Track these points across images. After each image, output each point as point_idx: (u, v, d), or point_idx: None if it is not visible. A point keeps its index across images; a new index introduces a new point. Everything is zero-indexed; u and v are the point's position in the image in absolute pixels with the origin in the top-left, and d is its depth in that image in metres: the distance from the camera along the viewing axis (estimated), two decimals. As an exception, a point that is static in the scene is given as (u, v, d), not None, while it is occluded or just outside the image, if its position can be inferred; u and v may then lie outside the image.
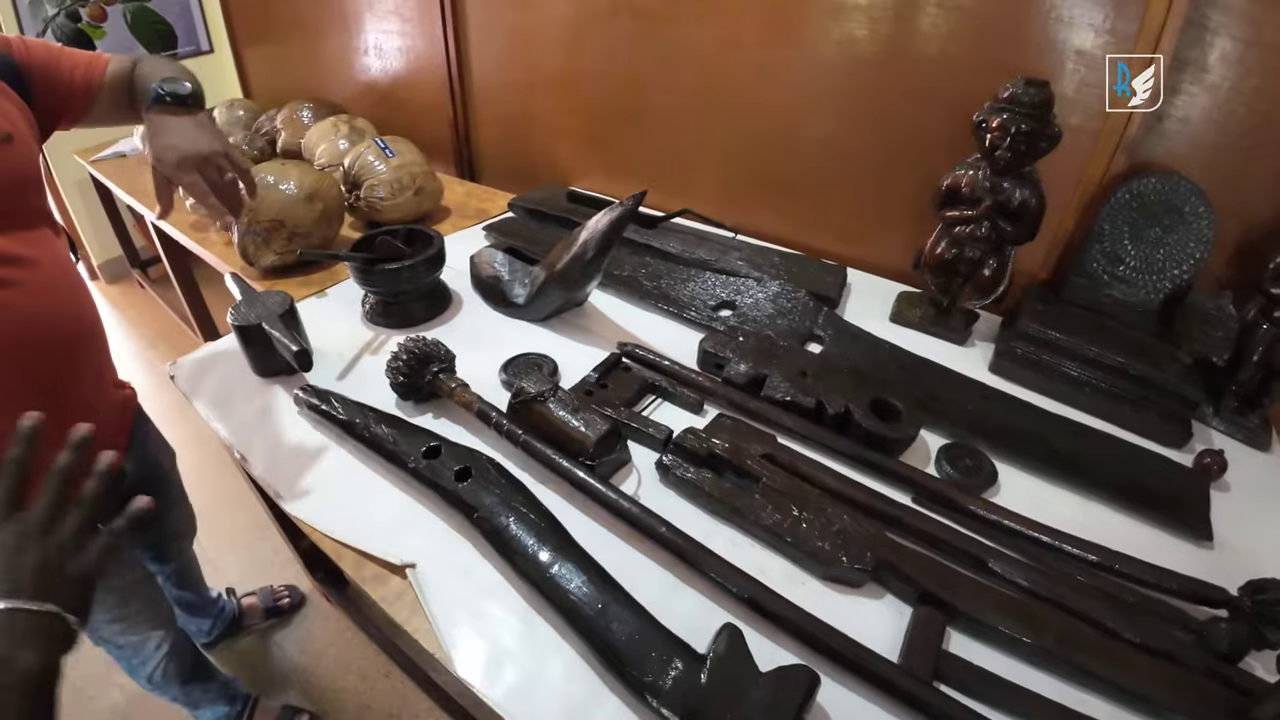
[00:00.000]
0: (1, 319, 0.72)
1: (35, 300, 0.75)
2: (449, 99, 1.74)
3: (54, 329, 0.79)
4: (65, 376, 0.82)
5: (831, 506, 0.71)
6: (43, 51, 0.84)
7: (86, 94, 0.88)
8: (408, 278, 0.99)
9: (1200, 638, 0.64)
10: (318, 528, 0.74)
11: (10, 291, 0.73)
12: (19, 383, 0.75)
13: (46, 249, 0.79)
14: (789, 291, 1.09)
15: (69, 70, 0.86)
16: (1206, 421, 0.95)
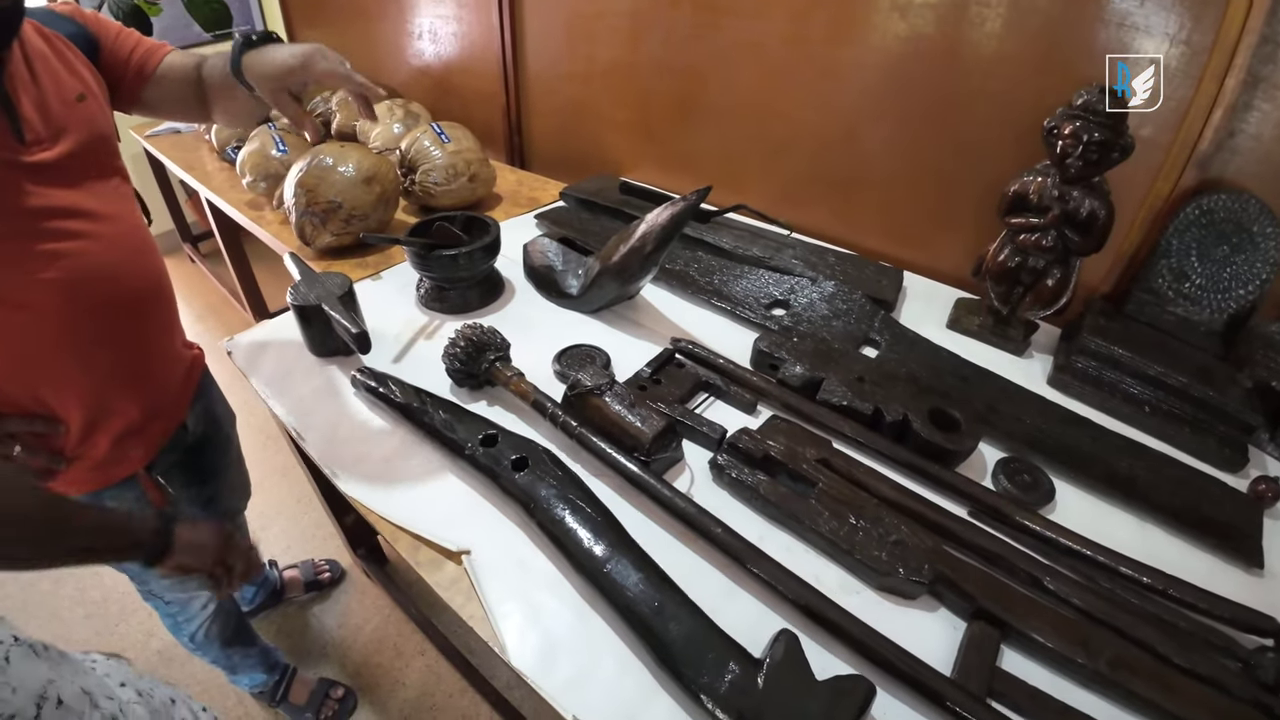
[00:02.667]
0: (78, 269, 0.75)
1: (110, 253, 0.79)
2: (503, 87, 1.74)
3: (127, 283, 0.82)
4: (137, 329, 0.86)
5: (889, 516, 0.70)
6: (110, 26, 0.88)
7: (140, 75, 0.90)
8: (464, 264, 1.00)
9: (1247, 666, 0.63)
10: (374, 509, 0.75)
11: (86, 243, 0.76)
12: (95, 331, 0.79)
13: (121, 206, 0.83)
14: (844, 293, 1.08)
15: (128, 49, 0.89)
16: (1263, 448, 0.92)
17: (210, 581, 0.80)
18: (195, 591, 1.12)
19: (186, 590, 1.11)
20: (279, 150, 1.53)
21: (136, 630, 1.59)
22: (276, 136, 1.56)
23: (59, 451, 0.82)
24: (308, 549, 1.76)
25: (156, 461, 0.96)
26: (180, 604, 1.13)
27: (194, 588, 1.11)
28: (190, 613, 1.15)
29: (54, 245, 0.73)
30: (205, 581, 0.80)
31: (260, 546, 1.62)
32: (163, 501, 0.97)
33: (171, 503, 1.00)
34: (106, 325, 0.81)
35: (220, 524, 0.83)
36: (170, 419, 0.97)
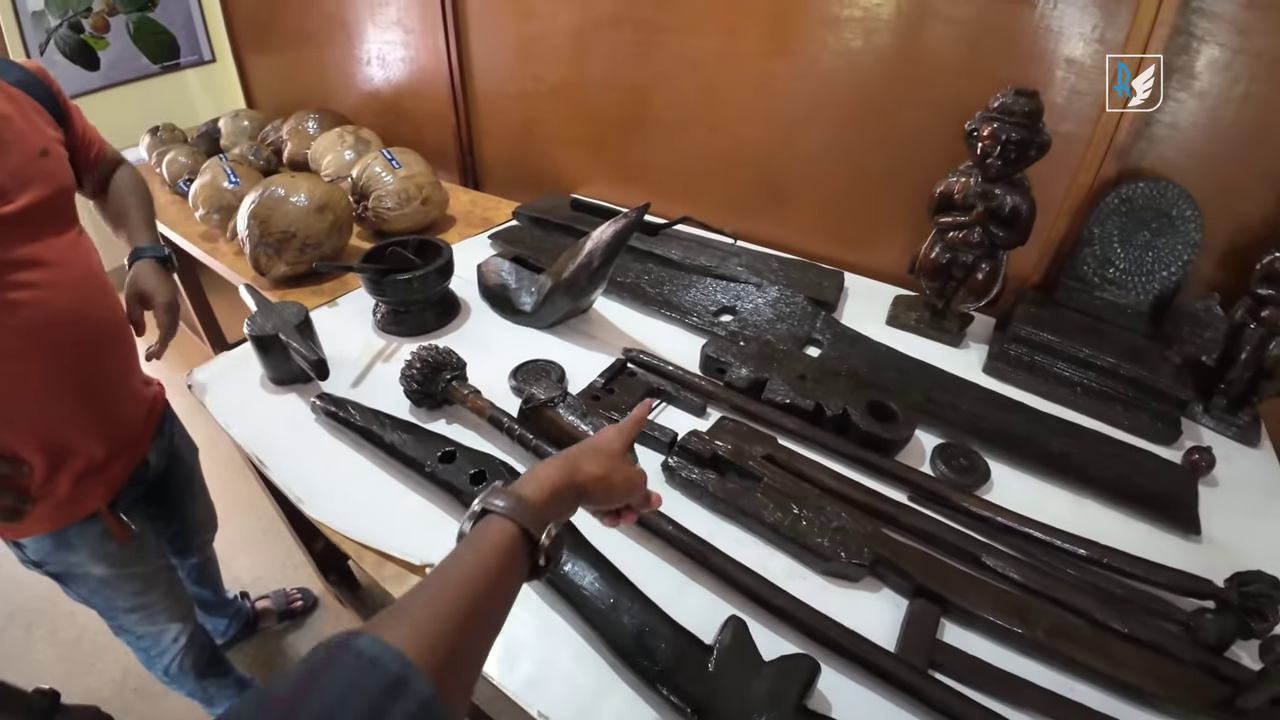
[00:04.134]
0: (40, 316, 0.77)
1: (70, 300, 0.81)
2: (453, 109, 1.77)
3: (85, 327, 0.84)
4: (98, 371, 0.87)
5: (830, 505, 0.74)
6: (78, 116, 0.95)
7: (88, 150, 0.98)
8: (418, 287, 1.02)
9: (1188, 629, 0.67)
10: (338, 530, 0.77)
11: (48, 291, 0.78)
12: (57, 375, 0.81)
13: (79, 254, 0.85)
14: (788, 296, 1.12)
15: (84, 130, 0.96)
16: (1196, 420, 0.98)
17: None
18: (165, 624, 1.11)
19: (156, 624, 1.10)
20: (231, 182, 1.53)
21: (112, 668, 1.56)
22: (228, 168, 1.56)
23: (24, 491, 0.82)
24: (279, 579, 1.75)
25: (120, 498, 0.96)
26: (152, 638, 1.12)
27: (164, 621, 1.11)
28: (162, 646, 1.14)
29: (16, 295, 0.75)
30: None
31: (231, 579, 1.63)
32: (126, 537, 0.97)
33: (135, 538, 0.99)
34: (68, 368, 0.82)
35: None
36: (132, 456, 0.97)
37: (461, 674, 0.38)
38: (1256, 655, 0.63)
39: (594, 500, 0.54)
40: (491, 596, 0.42)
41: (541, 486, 0.49)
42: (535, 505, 0.47)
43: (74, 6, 2.31)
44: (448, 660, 0.36)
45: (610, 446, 0.57)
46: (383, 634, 0.34)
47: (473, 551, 0.44)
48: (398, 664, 0.33)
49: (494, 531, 0.45)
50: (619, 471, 0.55)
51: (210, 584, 1.46)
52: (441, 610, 0.38)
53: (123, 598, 1.03)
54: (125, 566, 0.99)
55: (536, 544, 0.47)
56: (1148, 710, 0.62)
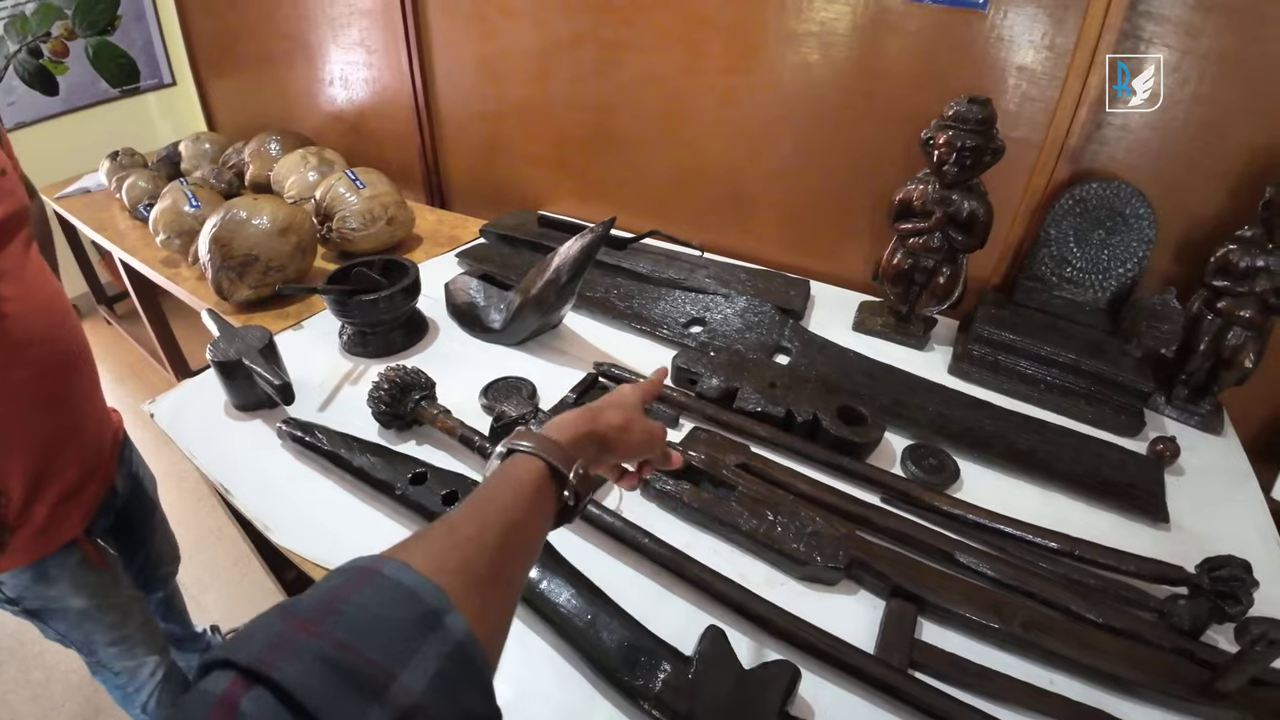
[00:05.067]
0: (13, 334, 0.76)
1: (40, 318, 0.80)
2: (417, 128, 1.76)
3: (59, 345, 0.82)
4: (70, 390, 0.86)
5: (805, 510, 0.74)
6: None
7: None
8: (385, 308, 1.01)
9: (1162, 616, 0.69)
10: (308, 558, 0.75)
11: (19, 306, 0.76)
12: (33, 395, 0.79)
13: (42, 274, 0.84)
14: (756, 306, 1.13)
15: (12, 155, 0.90)
16: (1159, 410, 1.00)
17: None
18: (144, 657, 1.09)
19: (135, 657, 1.08)
20: (191, 206, 1.51)
21: (84, 707, 1.50)
22: (189, 192, 1.53)
23: (3, 522, 0.80)
24: (250, 610, 1.65)
25: (92, 527, 0.94)
26: (130, 672, 1.09)
27: (142, 653, 1.09)
28: (140, 680, 1.11)
29: None
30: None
31: (201, 613, 1.58)
32: (104, 564, 0.96)
33: (112, 565, 0.98)
34: (43, 388, 0.81)
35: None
36: (103, 481, 0.96)
37: (498, 608, 0.36)
38: (1231, 638, 0.64)
39: (615, 451, 0.53)
40: (524, 529, 0.40)
41: (564, 430, 0.49)
42: (561, 444, 0.47)
43: (33, 31, 2.27)
44: (482, 596, 0.33)
45: (627, 400, 0.57)
46: (414, 560, 0.31)
47: (503, 483, 0.42)
48: (432, 596, 0.30)
49: (521, 467, 0.44)
50: (638, 423, 0.55)
51: (178, 619, 1.42)
52: (476, 539, 0.36)
53: (102, 630, 1.00)
54: (103, 597, 0.97)
55: (565, 481, 0.46)
56: (1127, 698, 0.63)
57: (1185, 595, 0.68)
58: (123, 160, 2.01)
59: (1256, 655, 0.56)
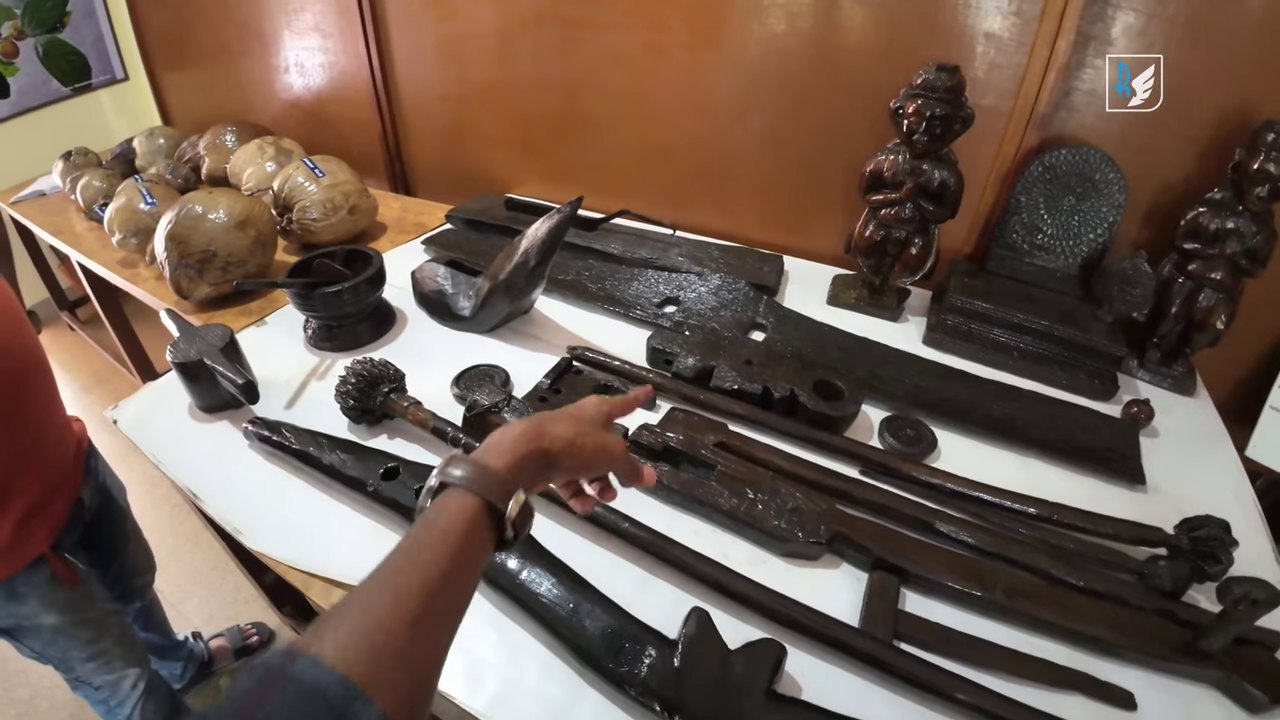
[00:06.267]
0: None
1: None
2: (377, 113, 1.72)
3: (16, 355, 0.81)
4: (29, 402, 0.84)
5: (785, 486, 0.74)
6: None
7: None
8: (349, 299, 0.98)
9: (1142, 578, 0.69)
10: (282, 560, 0.73)
11: None
12: None
13: None
14: (730, 283, 1.12)
15: None
16: (1132, 374, 1.02)
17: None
18: (123, 671, 1.08)
19: (114, 671, 1.07)
20: (147, 203, 1.45)
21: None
22: (144, 189, 1.48)
23: None
24: (232, 615, 1.67)
25: (60, 540, 0.92)
26: (110, 686, 1.08)
27: (121, 667, 1.07)
28: (121, 694, 1.10)
29: None
30: None
31: (181, 620, 1.55)
32: (74, 580, 0.94)
33: (83, 580, 0.97)
34: (3, 402, 0.78)
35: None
36: (68, 494, 0.94)
37: (417, 679, 0.35)
38: (1212, 598, 0.64)
39: (564, 468, 0.49)
40: (452, 585, 0.38)
41: (503, 452, 0.45)
42: (499, 472, 0.43)
43: (-18, 33, 2.18)
44: (399, 669, 0.32)
45: (583, 411, 0.53)
46: (323, 652, 0.31)
47: (430, 532, 0.39)
48: (341, 690, 0.30)
49: (453, 508, 0.41)
50: (589, 436, 0.51)
51: (158, 628, 1.40)
52: (392, 610, 0.34)
53: (77, 646, 0.99)
54: (76, 613, 0.96)
55: (503, 516, 0.42)
56: (1111, 660, 0.63)
57: (1165, 557, 0.69)
58: (76, 160, 1.95)
59: (1239, 615, 0.57)
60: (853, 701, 0.59)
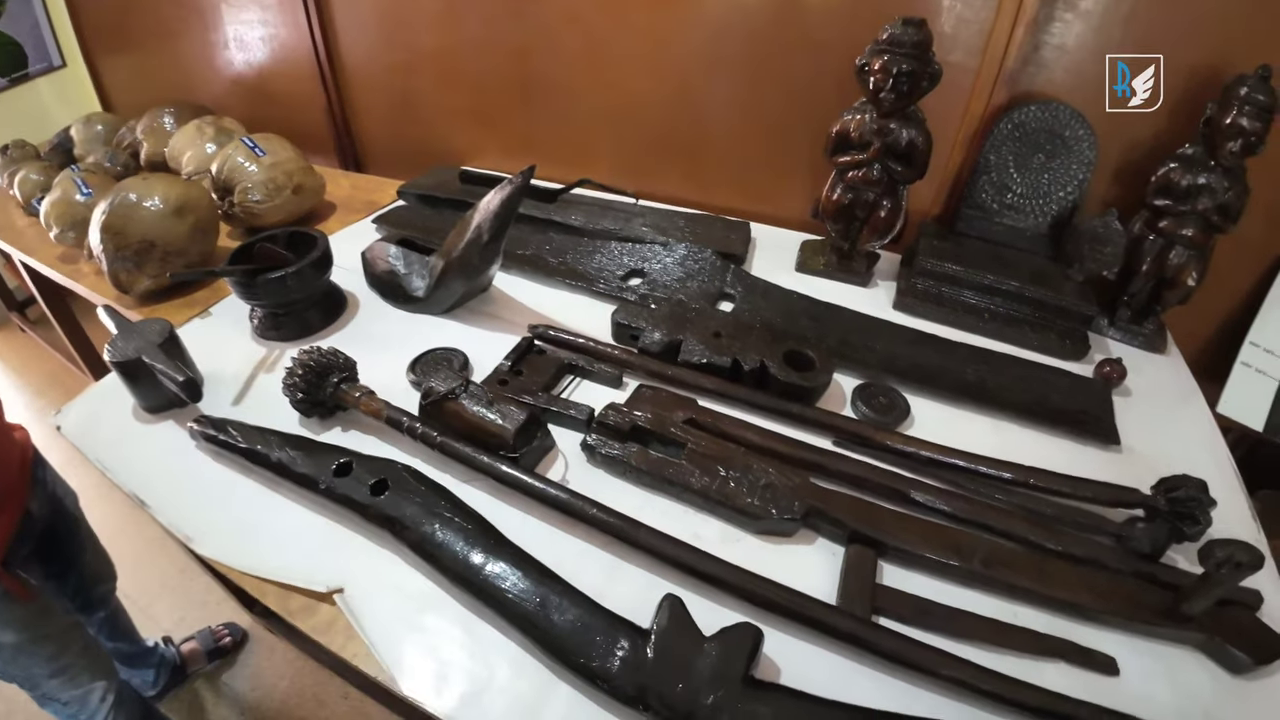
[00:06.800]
0: None
1: None
2: (322, 87, 1.63)
3: None
4: None
5: (757, 462, 0.72)
6: None
7: None
8: (294, 285, 0.92)
9: (1120, 540, 0.68)
10: (234, 566, 0.69)
11: None
12: None
13: None
14: (696, 253, 1.09)
15: None
16: (1103, 333, 1.01)
17: None
18: (89, 684, 1.05)
19: (80, 685, 1.04)
20: (83, 194, 1.37)
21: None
22: (79, 180, 1.39)
23: None
24: (202, 617, 1.63)
25: (11, 557, 0.89)
26: (78, 701, 1.05)
27: (86, 681, 1.04)
28: (90, 709, 1.07)
29: None
30: None
31: (151, 624, 1.51)
32: (28, 595, 0.91)
33: (39, 594, 0.94)
34: None
35: None
36: (14, 507, 0.91)
37: None
38: (1191, 559, 0.64)
39: None
40: None
41: None
42: None
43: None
44: None
45: None
46: None
47: None
48: None
49: None
50: None
51: (125, 636, 1.36)
52: None
53: (39, 663, 0.97)
54: (35, 629, 0.94)
55: None
56: (1092, 625, 0.62)
57: (1142, 518, 0.68)
58: (13, 154, 1.84)
59: (1221, 578, 0.56)
60: (833, 681, 0.57)
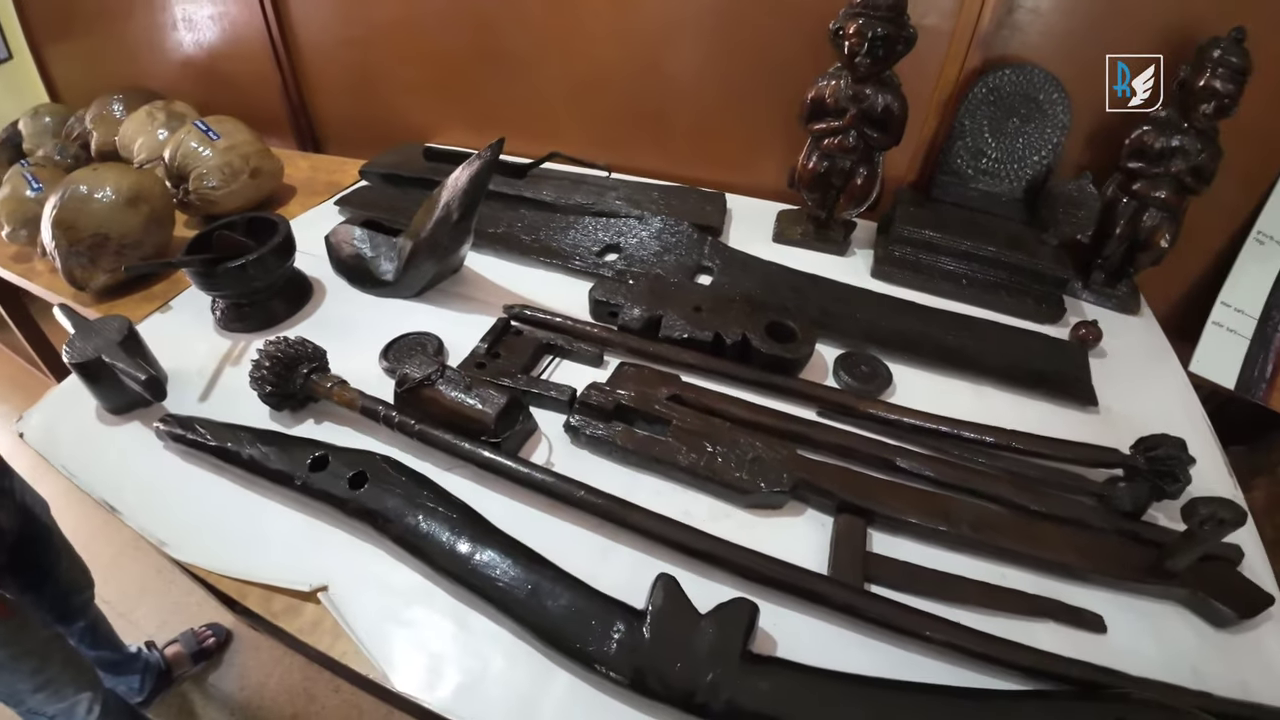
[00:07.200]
0: None
1: None
2: (276, 65, 1.56)
3: None
4: None
5: (743, 436, 0.71)
6: None
7: None
8: (256, 273, 0.88)
9: (1102, 500, 0.69)
10: (213, 569, 0.66)
11: None
12: None
13: None
14: (672, 226, 1.07)
15: None
16: (1077, 296, 1.02)
17: None
18: (74, 697, 1.03)
19: (65, 698, 1.02)
20: (33, 189, 1.30)
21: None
22: (29, 175, 1.32)
23: None
24: (184, 619, 1.60)
25: None
26: (64, 715, 1.04)
27: (71, 693, 1.02)
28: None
29: None
30: None
31: (133, 630, 1.48)
32: (7, 611, 0.90)
33: (16, 610, 0.92)
34: None
35: None
36: None
37: None
38: (1173, 517, 0.65)
39: None
40: None
41: None
42: None
43: None
44: None
45: None
46: None
47: None
48: None
49: None
50: None
51: (108, 643, 1.34)
52: None
53: (22, 678, 0.95)
54: (15, 645, 0.92)
55: None
56: (1079, 584, 0.63)
57: (1123, 478, 0.69)
58: (-41, 153, 1.75)
59: (1205, 535, 0.57)
60: (829, 651, 0.57)
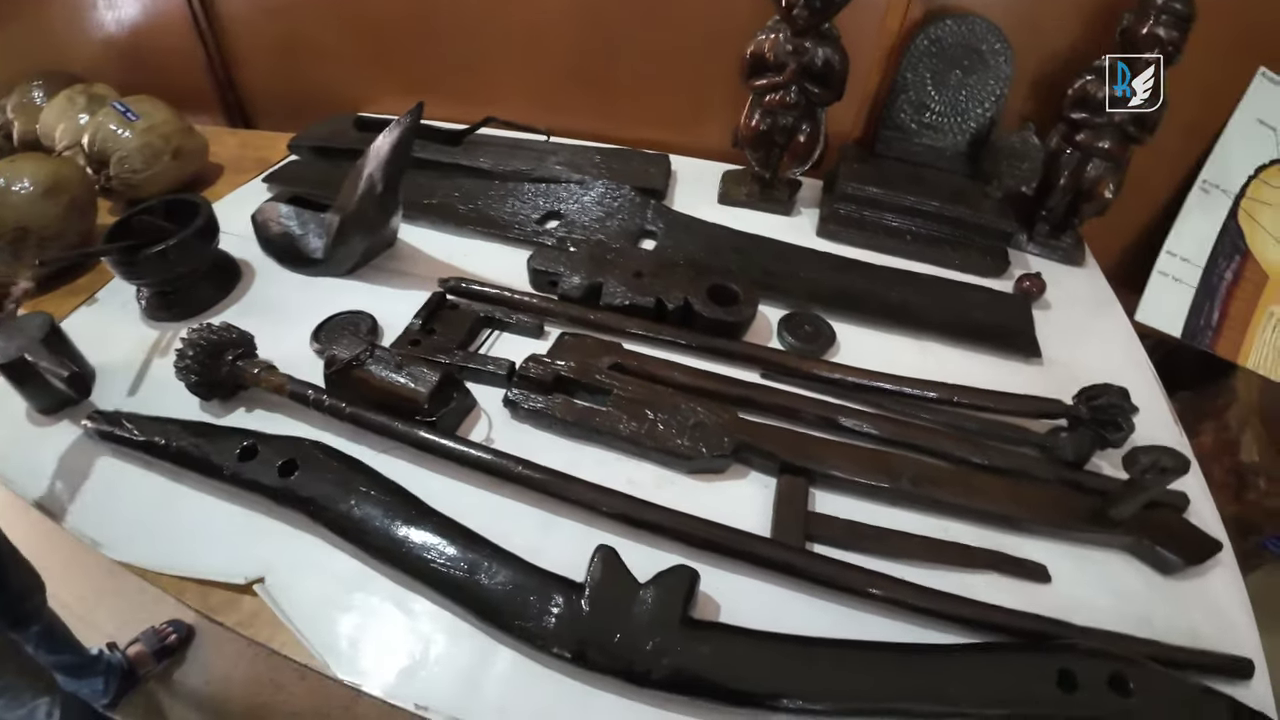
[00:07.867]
0: None
1: None
2: (198, 38, 1.48)
3: None
4: None
5: (685, 402, 0.70)
6: None
7: None
8: (177, 258, 0.84)
9: (1045, 450, 0.70)
10: (148, 567, 0.65)
11: None
12: None
13: None
14: (614, 190, 1.05)
15: None
16: (1022, 249, 1.02)
17: None
18: (32, 702, 1.02)
19: (24, 703, 1.01)
20: (-46, 189, 1.23)
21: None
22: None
23: None
24: (144, 617, 1.56)
25: None
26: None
27: (29, 698, 1.01)
28: None
29: None
30: None
31: (94, 632, 1.45)
32: None
33: None
34: None
35: None
36: None
37: None
38: (1116, 465, 0.66)
39: None
40: None
41: None
42: None
43: None
44: None
45: None
46: None
47: None
48: None
49: None
50: None
51: (66, 647, 1.31)
52: None
53: None
54: None
55: None
56: (1022, 535, 0.64)
57: (1065, 428, 0.70)
58: (-125, 155, 1.64)
59: (1147, 483, 0.58)
60: (773, 612, 0.57)
